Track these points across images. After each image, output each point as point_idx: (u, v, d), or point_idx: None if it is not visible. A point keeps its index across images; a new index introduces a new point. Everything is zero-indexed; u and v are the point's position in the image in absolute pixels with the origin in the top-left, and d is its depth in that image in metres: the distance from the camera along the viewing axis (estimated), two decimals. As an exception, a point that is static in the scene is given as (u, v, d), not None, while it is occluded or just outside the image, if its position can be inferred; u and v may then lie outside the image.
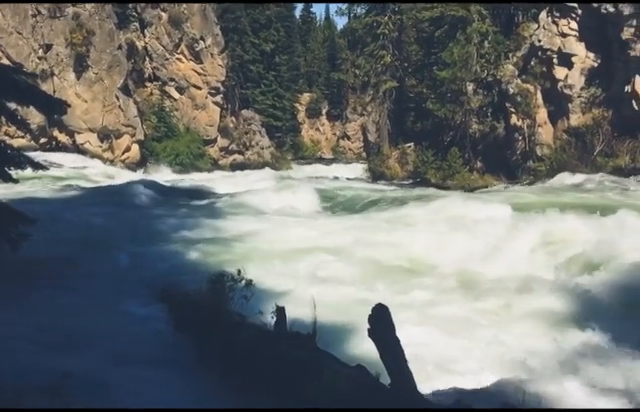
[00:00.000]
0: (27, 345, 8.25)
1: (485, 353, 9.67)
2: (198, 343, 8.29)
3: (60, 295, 11.29)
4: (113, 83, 40.24)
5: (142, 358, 8.23)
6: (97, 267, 13.18)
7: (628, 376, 8.49)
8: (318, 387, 6.48)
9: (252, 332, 7.92)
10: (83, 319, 9.81)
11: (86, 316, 10.00)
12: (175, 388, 7.26)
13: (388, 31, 44.54)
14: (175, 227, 18.65)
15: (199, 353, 8.16)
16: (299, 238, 17.27)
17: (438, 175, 36.04)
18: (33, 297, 10.79)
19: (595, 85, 33.47)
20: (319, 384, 6.52)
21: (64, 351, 8.16)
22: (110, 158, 40.11)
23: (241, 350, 7.49)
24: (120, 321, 10.02)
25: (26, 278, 11.57)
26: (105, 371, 7.51)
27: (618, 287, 12.14)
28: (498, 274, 13.80)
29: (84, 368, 7.28)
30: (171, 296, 10.29)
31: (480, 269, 14.14)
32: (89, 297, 11.06)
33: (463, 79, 35.94)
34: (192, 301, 9.05)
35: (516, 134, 35.49)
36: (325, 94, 67.71)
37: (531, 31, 36.25)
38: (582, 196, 24.41)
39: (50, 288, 11.57)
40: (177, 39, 45.02)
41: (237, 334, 7.82)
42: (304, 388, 6.57)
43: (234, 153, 48.42)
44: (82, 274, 12.47)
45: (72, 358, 7.79)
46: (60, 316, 9.99)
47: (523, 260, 14.39)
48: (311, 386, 6.53)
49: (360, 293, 12.29)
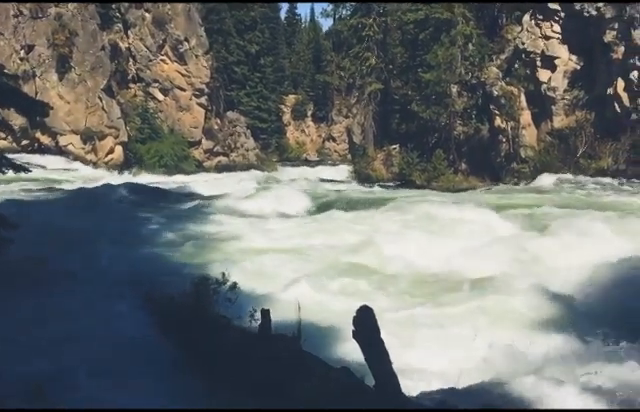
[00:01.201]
0: (6, 347, 8.12)
1: (463, 355, 9.67)
2: (183, 346, 8.23)
3: (41, 298, 11.10)
4: (96, 84, 39.91)
5: (126, 360, 8.13)
6: (78, 270, 13.00)
7: (608, 375, 8.53)
8: (306, 389, 6.45)
9: (237, 334, 7.89)
10: (64, 322, 9.67)
11: (67, 319, 9.86)
12: (160, 391, 7.18)
13: (373, 33, 44.61)
14: (158, 230, 18.53)
15: (184, 356, 8.09)
16: (283, 240, 17.21)
17: (423, 177, 36.16)
18: (16, 299, 10.62)
19: (578, 87, 33.79)
20: (307, 386, 6.49)
21: (44, 354, 8.04)
22: (93, 160, 39.78)
23: (227, 353, 7.45)
24: (103, 324, 9.88)
25: (6, 281, 11.39)
26: (88, 373, 7.41)
27: (594, 287, 12.28)
28: (474, 275, 13.80)
29: (65, 371, 7.18)
30: (155, 299, 10.20)
31: (456, 270, 14.14)
32: (70, 300, 10.89)
33: (448, 81, 36.12)
34: (176, 304, 8.99)
35: (500, 136, 35.72)
36: (310, 96, 67.68)
37: (515, 34, 36.53)
38: (563, 197, 24.71)
39: (31, 291, 11.39)
40: (161, 40, 44.75)
41: (222, 337, 7.77)
42: (291, 390, 6.54)
43: (219, 155, 48.23)
44: (62, 277, 12.29)
45: (53, 362, 7.69)
46: (41, 319, 9.85)
47: (498, 261, 14.41)
48: (299, 389, 6.51)
49: (346, 298, 12.24)
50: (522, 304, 11.99)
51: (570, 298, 12.14)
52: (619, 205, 21.59)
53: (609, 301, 11.77)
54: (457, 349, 9.91)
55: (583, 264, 13.28)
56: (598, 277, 12.71)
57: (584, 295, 12.18)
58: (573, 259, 13.68)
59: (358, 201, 25.74)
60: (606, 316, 11.08)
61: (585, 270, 12.98)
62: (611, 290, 12.19)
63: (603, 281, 12.53)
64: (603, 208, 20.82)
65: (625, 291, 12.10)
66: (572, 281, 12.68)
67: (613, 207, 21.06)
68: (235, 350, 7.43)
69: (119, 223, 19.26)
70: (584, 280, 12.66)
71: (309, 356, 7.51)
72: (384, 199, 25.29)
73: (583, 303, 11.88)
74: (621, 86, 31.05)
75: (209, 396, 7.04)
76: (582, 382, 8.24)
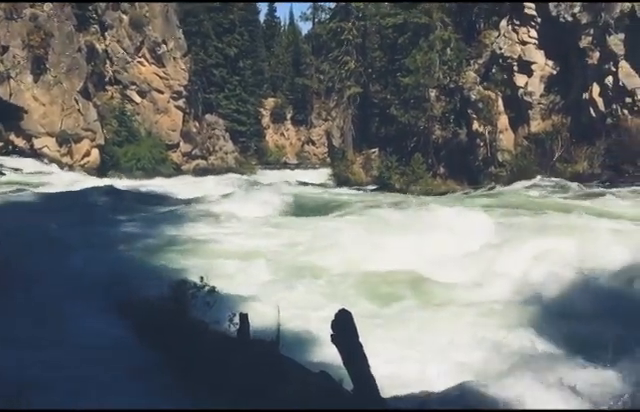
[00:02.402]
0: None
1: (441, 356, 9.69)
2: (160, 350, 8.14)
3: (16, 301, 10.87)
4: (72, 86, 39.47)
5: (102, 365, 8.00)
6: (51, 274, 12.73)
7: (587, 376, 8.60)
8: (284, 393, 6.41)
9: (215, 339, 7.83)
10: (36, 327, 9.47)
11: (40, 323, 9.66)
12: (138, 395, 7.08)
13: (352, 37, 44.77)
14: (135, 233, 18.31)
15: (162, 360, 7.99)
16: (261, 243, 17.13)
17: (402, 180, 36.29)
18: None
19: (554, 92, 34.19)
20: (285, 390, 6.46)
21: (8, 358, 7.87)
22: (69, 163, 39.31)
23: (205, 357, 7.38)
24: (78, 328, 9.73)
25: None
26: (64, 378, 7.29)
27: (570, 289, 12.40)
28: (447, 278, 13.85)
29: (42, 375, 7.05)
30: (132, 303, 10.08)
31: (430, 272, 14.16)
32: (43, 304, 10.67)
33: (426, 85, 36.34)
34: (154, 308, 8.89)
35: (478, 140, 36.01)
36: (290, 99, 67.66)
37: (492, 39, 36.88)
38: (537, 201, 25.04)
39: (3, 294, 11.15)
40: (138, 42, 44.42)
41: (201, 341, 7.70)
42: (270, 395, 6.50)
43: (197, 158, 47.99)
44: (32, 279, 12.02)
45: (31, 366, 7.53)
46: (18, 322, 9.64)
47: (472, 263, 14.48)
48: (277, 393, 6.47)
49: (325, 302, 12.20)
50: (498, 305, 12.06)
51: (546, 299, 12.23)
52: (593, 209, 21.87)
53: (586, 302, 11.89)
54: (435, 351, 9.92)
55: (558, 267, 13.39)
56: (574, 279, 12.84)
57: (560, 296, 12.30)
58: (547, 261, 13.78)
59: (337, 204, 25.76)
60: (584, 316, 11.20)
61: (560, 272, 13.09)
62: (586, 292, 12.32)
63: (579, 283, 12.66)
64: (578, 211, 21.13)
65: (601, 292, 12.24)
66: (548, 282, 12.78)
67: (588, 210, 21.33)
68: (213, 355, 7.37)
69: (95, 226, 18.99)
70: (559, 281, 12.77)
71: (288, 360, 7.47)
72: (364, 202, 25.36)
73: (559, 304, 11.98)
74: (596, 91, 31.49)
75: (190, 400, 6.97)
76: (560, 382, 8.29)
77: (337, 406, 6.37)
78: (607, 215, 20.13)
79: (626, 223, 18.41)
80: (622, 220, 19.16)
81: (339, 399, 6.52)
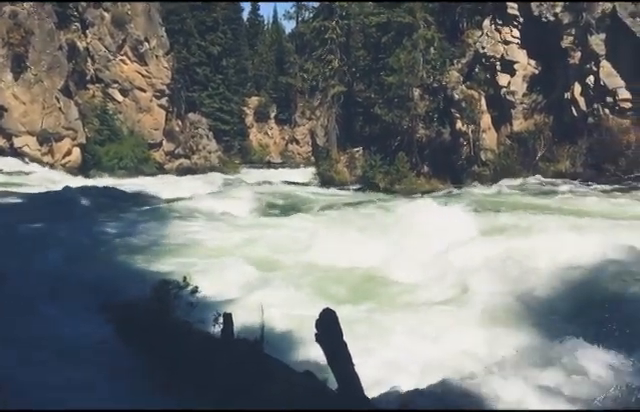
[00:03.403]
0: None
1: (424, 356, 9.69)
2: (143, 351, 8.04)
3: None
4: (53, 84, 39.01)
5: (83, 367, 7.89)
6: (31, 274, 12.56)
7: (567, 372, 8.64)
8: (268, 393, 6.36)
9: (199, 339, 7.75)
10: (14, 327, 9.31)
11: (19, 324, 9.50)
12: (121, 396, 6.99)
13: (336, 36, 44.69)
14: (117, 233, 18.13)
15: (144, 361, 7.90)
16: (244, 243, 17.05)
17: (386, 180, 36.34)
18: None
19: (537, 92, 34.45)
20: (269, 390, 6.41)
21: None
22: (50, 162, 38.86)
23: (189, 358, 7.31)
24: (59, 329, 9.60)
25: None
26: (45, 380, 7.17)
27: (552, 287, 12.47)
28: (430, 276, 13.86)
29: (20, 376, 6.93)
30: (114, 304, 9.95)
31: (412, 271, 14.17)
32: (21, 305, 10.51)
33: (410, 85, 36.41)
34: (136, 309, 8.78)
35: (461, 139, 36.18)
36: (273, 98, 67.53)
37: (475, 38, 37.07)
38: (518, 199, 25.26)
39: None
40: (120, 40, 44.02)
41: (184, 342, 7.62)
42: (254, 394, 6.45)
43: (180, 157, 47.68)
44: (12, 280, 11.83)
45: (8, 367, 7.40)
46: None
47: (453, 262, 14.50)
48: (261, 392, 6.42)
49: (308, 301, 12.15)
50: (480, 304, 12.07)
51: (529, 297, 12.27)
52: (574, 208, 22.07)
53: (560, 299, 11.96)
54: (418, 350, 9.92)
55: (539, 264, 13.44)
56: (555, 276, 12.90)
57: (542, 294, 12.34)
58: (530, 260, 13.83)
59: (321, 203, 25.74)
60: (558, 314, 11.26)
61: (541, 270, 13.14)
62: (568, 289, 12.39)
63: (560, 280, 12.72)
64: (560, 211, 21.33)
65: (582, 290, 12.32)
66: (530, 280, 12.83)
67: (569, 210, 21.53)
68: (198, 355, 7.29)
69: (76, 226, 18.76)
70: (541, 279, 12.82)
71: (272, 360, 7.41)
72: (351, 201, 25.38)
73: (542, 301, 12.02)
74: (578, 91, 31.77)
75: (173, 401, 6.89)
76: (542, 381, 8.33)
77: (322, 405, 6.34)
78: (585, 213, 20.36)
79: (603, 221, 18.58)
80: (599, 218, 19.36)
81: (323, 398, 6.48)
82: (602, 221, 18.05)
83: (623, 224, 17.24)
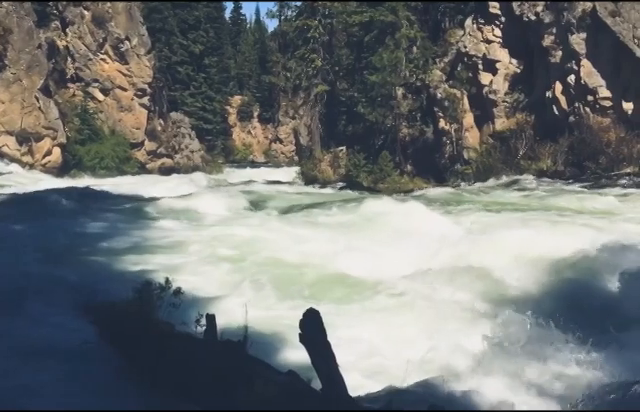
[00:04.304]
0: None
1: (408, 355, 9.66)
2: (125, 354, 7.92)
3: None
4: (33, 84, 38.49)
5: (64, 371, 7.74)
6: (7, 277, 12.32)
7: (552, 372, 8.67)
8: (252, 394, 6.31)
9: (181, 341, 7.66)
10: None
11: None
12: (103, 400, 6.88)
13: (319, 35, 44.67)
14: (98, 234, 17.88)
15: (126, 364, 7.78)
16: (226, 243, 16.92)
17: (370, 179, 36.40)
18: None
19: (518, 90, 34.73)
20: (253, 391, 6.35)
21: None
22: (30, 162, 38.35)
23: (170, 360, 7.21)
24: (38, 332, 9.41)
25: None
26: (24, 385, 7.02)
27: (535, 283, 12.53)
28: (402, 273, 13.84)
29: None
30: (95, 306, 9.81)
31: (394, 269, 14.13)
32: (1, 307, 10.31)
33: (393, 84, 36.49)
34: (118, 310, 8.65)
35: (444, 138, 36.34)
36: (257, 97, 67.43)
37: (457, 37, 37.26)
38: (501, 197, 25.47)
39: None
40: (101, 39, 43.57)
41: (166, 344, 7.52)
42: (237, 396, 6.39)
43: (162, 157, 47.31)
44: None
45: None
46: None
47: (436, 260, 14.51)
48: (244, 393, 6.37)
49: (292, 302, 12.07)
50: (463, 301, 12.07)
51: (512, 295, 12.30)
52: (556, 205, 22.27)
53: (552, 296, 12.00)
54: (402, 349, 9.89)
55: (522, 261, 13.49)
56: (538, 273, 12.95)
57: (525, 291, 12.38)
58: (511, 256, 13.87)
59: (304, 204, 25.67)
60: (549, 312, 11.27)
61: (524, 267, 13.19)
62: (552, 285, 12.45)
63: (543, 277, 12.78)
64: (541, 208, 21.51)
65: (566, 287, 12.39)
66: (512, 278, 12.86)
67: (551, 207, 21.72)
68: (180, 356, 7.20)
69: (56, 226, 18.48)
70: (524, 276, 12.87)
71: (255, 361, 7.35)
72: (332, 201, 25.38)
73: (525, 299, 12.05)
74: (559, 89, 32.06)
75: (153, 403, 6.80)
76: (525, 379, 8.35)
77: (305, 406, 6.29)
78: (565, 210, 20.57)
79: (587, 218, 18.77)
80: (582, 215, 19.57)
81: (307, 399, 6.43)
82: (576, 217, 18.33)
83: (596, 219, 17.55)
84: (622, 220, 18.65)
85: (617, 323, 10.17)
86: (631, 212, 20.04)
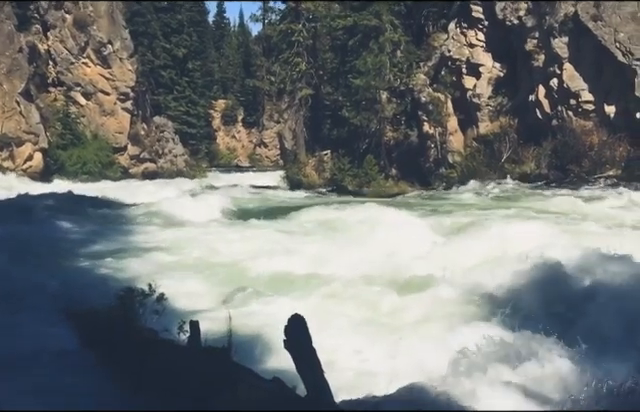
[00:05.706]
0: None
1: (394, 358, 9.61)
2: (107, 361, 7.78)
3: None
4: (13, 88, 38.02)
5: (43, 379, 7.58)
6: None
7: (539, 374, 8.66)
8: (235, 401, 6.22)
9: (165, 348, 7.54)
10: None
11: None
12: (84, 405, 6.73)
13: (303, 38, 44.62)
14: (80, 240, 17.68)
15: (108, 371, 7.64)
16: (210, 249, 16.79)
17: (354, 182, 36.42)
18: None
19: (502, 94, 34.93)
20: (237, 398, 6.26)
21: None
22: (10, 167, 37.84)
23: (153, 367, 7.09)
24: (17, 339, 9.23)
25: None
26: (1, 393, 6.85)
27: (519, 285, 12.54)
28: (395, 276, 13.82)
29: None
30: (76, 313, 9.65)
31: (380, 272, 14.11)
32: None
33: (377, 87, 36.55)
34: (99, 317, 8.51)
35: (428, 142, 36.44)
36: (241, 101, 67.23)
37: (441, 41, 37.41)
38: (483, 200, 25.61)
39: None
40: (83, 42, 43.16)
41: (149, 350, 7.40)
42: (222, 403, 6.29)
43: (146, 161, 46.92)
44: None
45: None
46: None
47: (420, 262, 14.51)
48: (228, 400, 6.27)
49: (276, 307, 11.96)
50: (447, 304, 12.05)
51: (495, 296, 12.29)
52: (540, 207, 22.39)
53: (535, 297, 12.01)
54: (388, 352, 9.84)
55: (504, 263, 13.49)
56: (520, 275, 12.94)
57: (509, 293, 12.36)
58: (492, 258, 13.89)
59: (289, 207, 25.57)
60: (525, 313, 11.30)
61: (506, 269, 13.18)
62: (534, 287, 12.45)
63: (526, 279, 12.78)
64: (525, 209, 21.61)
65: (550, 288, 12.39)
66: (495, 279, 12.85)
67: (534, 209, 21.83)
68: (164, 364, 7.09)
69: (37, 233, 18.24)
70: (507, 278, 12.85)
71: (240, 368, 7.26)
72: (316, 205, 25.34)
73: (509, 300, 12.03)
74: (542, 93, 32.28)
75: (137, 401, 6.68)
76: (512, 380, 8.32)
77: (289, 410, 6.21)
78: (548, 212, 20.69)
79: (573, 221, 18.89)
80: (566, 216, 19.70)
81: (292, 405, 6.36)
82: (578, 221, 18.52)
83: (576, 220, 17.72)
84: (580, 219, 19.04)
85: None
86: (592, 212, 20.41)
